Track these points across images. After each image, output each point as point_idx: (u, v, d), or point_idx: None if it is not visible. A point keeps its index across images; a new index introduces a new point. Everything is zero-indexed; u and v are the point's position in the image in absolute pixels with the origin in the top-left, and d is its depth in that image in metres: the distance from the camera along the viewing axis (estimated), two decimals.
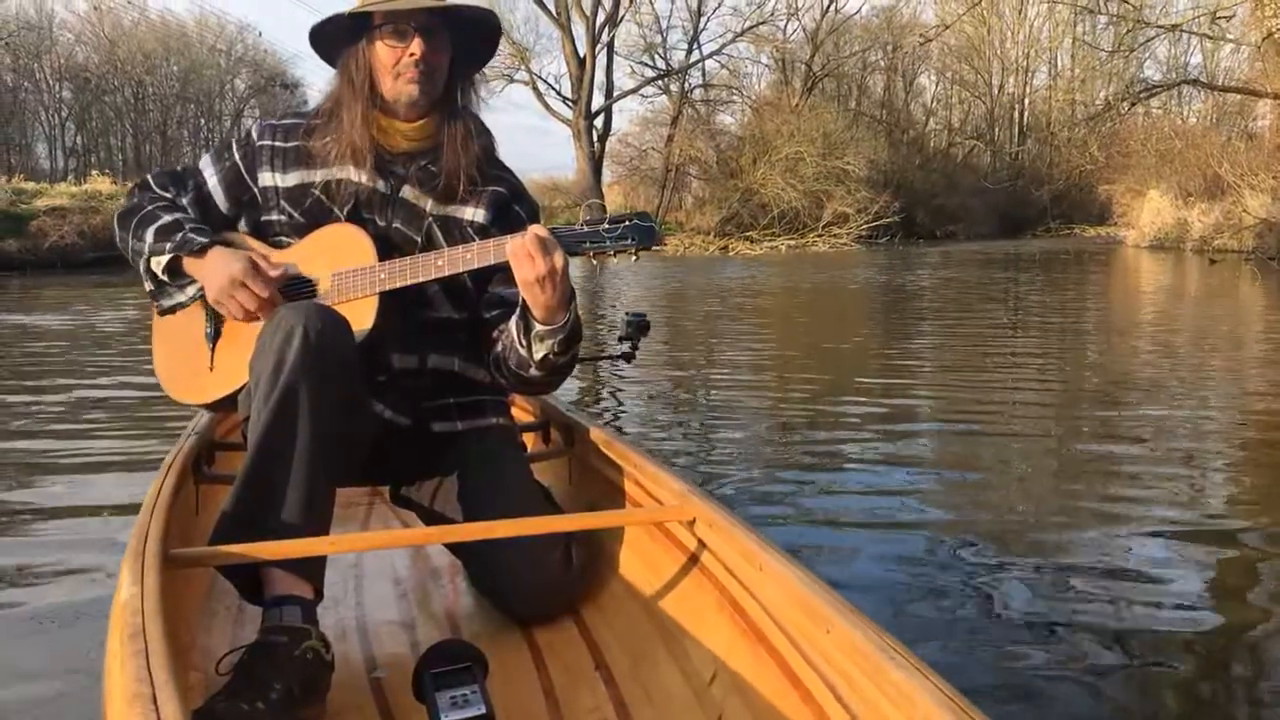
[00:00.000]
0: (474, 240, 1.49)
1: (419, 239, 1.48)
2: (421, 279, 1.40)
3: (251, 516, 1.24)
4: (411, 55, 1.42)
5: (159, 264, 1.47)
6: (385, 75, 1.44)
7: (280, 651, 1.16)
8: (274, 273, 1.44)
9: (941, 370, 5.27)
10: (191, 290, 1.51)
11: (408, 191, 1.49)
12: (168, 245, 1.43)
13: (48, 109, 26.24)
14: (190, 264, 1.46)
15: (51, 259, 15.71)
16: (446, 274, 1.39)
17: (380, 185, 1.48)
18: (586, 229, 1.33)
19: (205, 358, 1.52)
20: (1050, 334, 7.26)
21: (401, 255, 1.45)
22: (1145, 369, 5.24)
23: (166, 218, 1.46)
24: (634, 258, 1.33)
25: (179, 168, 1.60)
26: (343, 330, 1.32)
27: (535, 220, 1.58)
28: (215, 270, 1.41)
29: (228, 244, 1.49)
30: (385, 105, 1.47)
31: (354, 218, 1.47)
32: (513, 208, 1.57)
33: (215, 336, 1.51)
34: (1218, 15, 13.13)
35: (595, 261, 1.35)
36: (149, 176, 1.57)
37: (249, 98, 29.19)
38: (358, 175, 1.47)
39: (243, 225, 1.57)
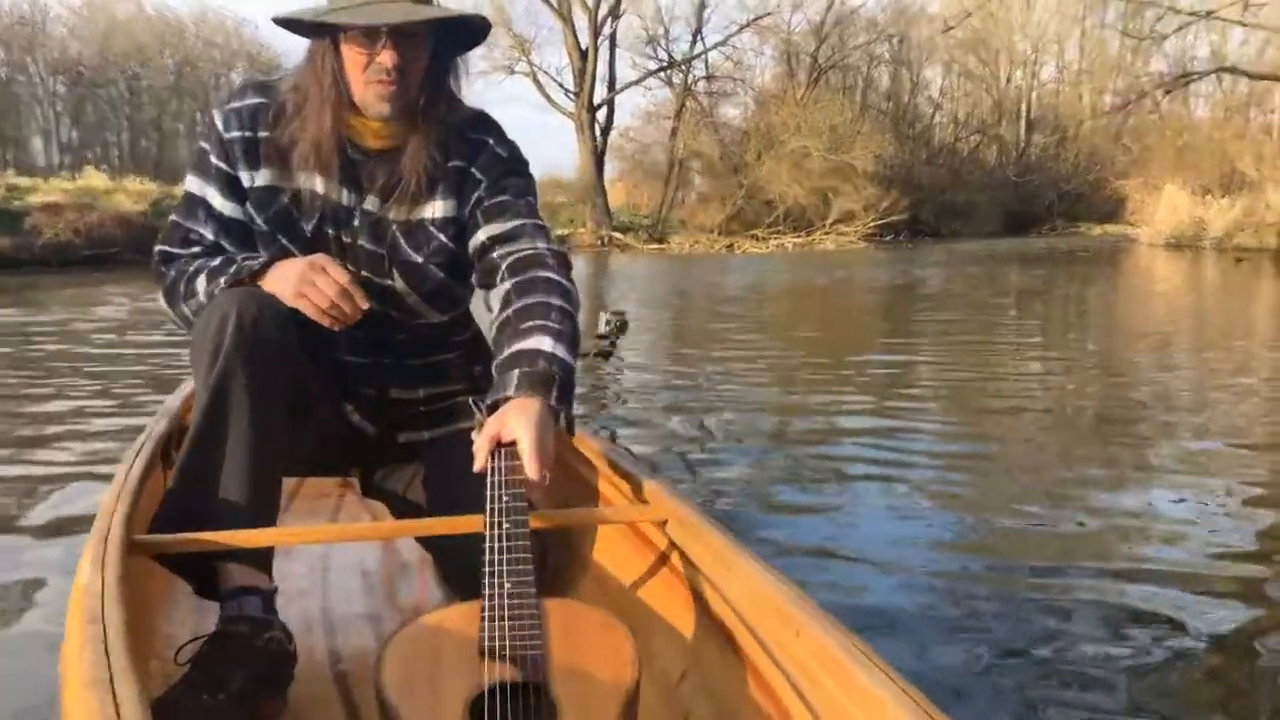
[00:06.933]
0: (438, 241, 1.38)
1: (384, 251, 1.39)
2: None
3: (190, 507, 1.20)
4: (381, 63, 1.29)
5: None
6: (354, 78, 1.31)
7: (241, 642, 1.14)
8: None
9: (961, 382, 4.98)
10: None
11: (371, 202, 1.38)
12: (223, 280, 1.32)
13: (42, 103, 25.99)
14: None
15: (45, 256, 15.49)
16: None
17: (345, 198, 1.38)
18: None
19: None
20: (1079, 338, 6.97)
21: (370, 271, 1.38)
22: (1182, 377, 4.95)
23: (213, 262, 1.36)
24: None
25: (175, 218, 1.42)
26: (280, 314, 1.26)
27: (513, 177, 1.41)
28: (284, 273, 1.30)
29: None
30: (354, 103, 1.34)
31: (319, 232, 1.38)
32: (469, 173, 1.39)
33: None
34: (1250, 3, 12.82)
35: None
36: (161, 247, 1.42)
37: None
38: (324, 187, 1.37)
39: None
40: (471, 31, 1.38)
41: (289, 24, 1.32)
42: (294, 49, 1.44)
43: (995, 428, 3.71)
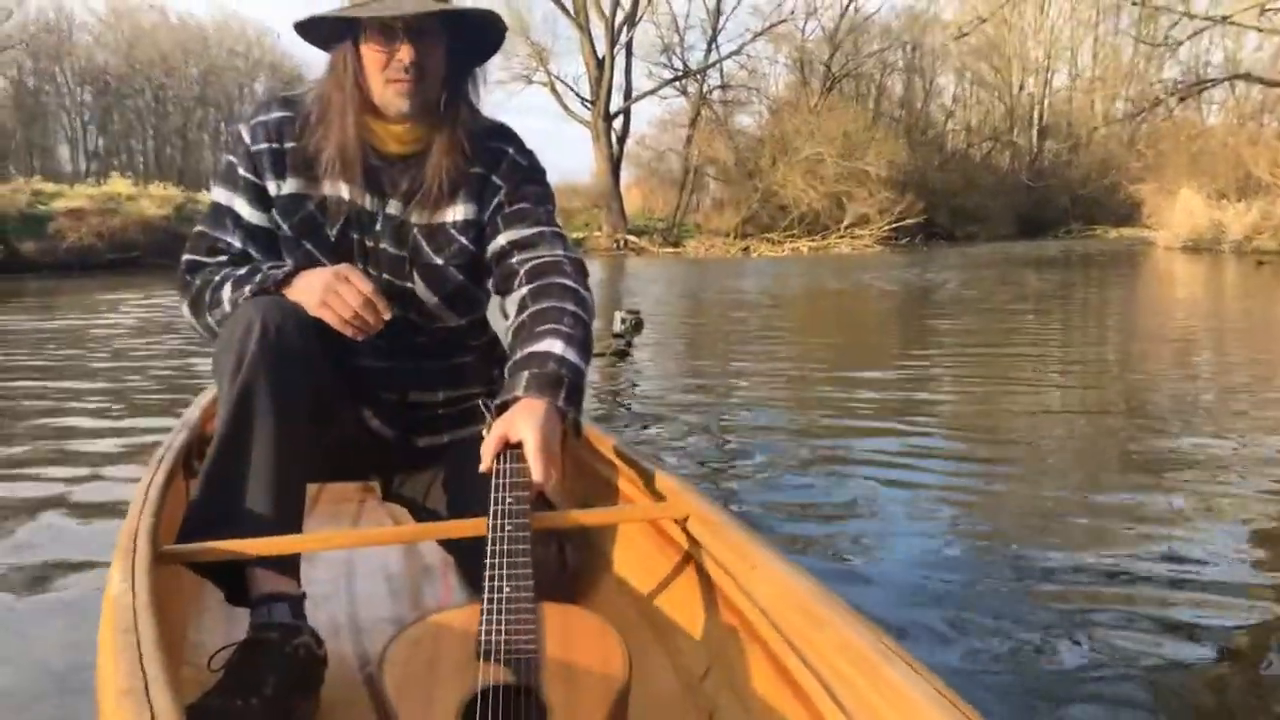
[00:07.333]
0: (459, 243, 1.41)
1: (406, 254, 1.42)
2: None
3: (217, 515, 1.20)
4: (399, 60, 1.31)
5: None
6: (374, 78, 1.34)
7: (272, 647, 1.15)
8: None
9: (981, 393, 4.80)
10: None
11: (394, 207, 1.41)
12: (247, 289, 1.33)
13: (69, 112, 26.39)
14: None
15: (69, 261, 15.63)
16: None
17: (368, 203, 1.40)
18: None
19: None
20: (1103, 346, 6.68)
21: (391, 274, 1.41)
22: (1213, 388, 4.64)
23: (238, 271, 1.37)
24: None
25: (202, 227, 1.45)
26: (303, 323, 1.27)
27: (532, 185, 1.43)
28: (309, 283, 1.31)
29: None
30: (375, 108, 1.37)
31: (343, 237, 1.40)
32: (490, 180, 1.42)
33: None
34: (1266, 8, 12.84)
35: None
36: (188, 256, 1.44)
37: None
38: (349, 193, 1.39)
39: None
40: (487, 34, 1.40)
41: (309, 35, 1.37)
42: (315, 59, 1.46)
43: (1019, 439, 3.55)
